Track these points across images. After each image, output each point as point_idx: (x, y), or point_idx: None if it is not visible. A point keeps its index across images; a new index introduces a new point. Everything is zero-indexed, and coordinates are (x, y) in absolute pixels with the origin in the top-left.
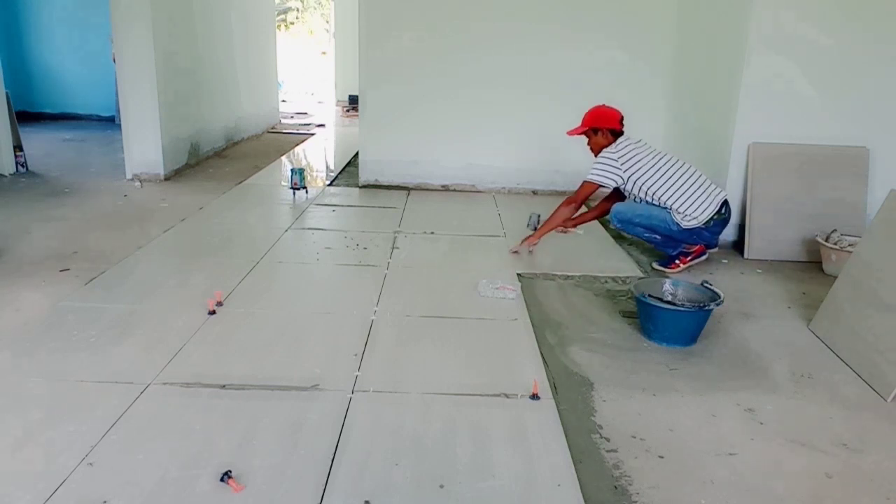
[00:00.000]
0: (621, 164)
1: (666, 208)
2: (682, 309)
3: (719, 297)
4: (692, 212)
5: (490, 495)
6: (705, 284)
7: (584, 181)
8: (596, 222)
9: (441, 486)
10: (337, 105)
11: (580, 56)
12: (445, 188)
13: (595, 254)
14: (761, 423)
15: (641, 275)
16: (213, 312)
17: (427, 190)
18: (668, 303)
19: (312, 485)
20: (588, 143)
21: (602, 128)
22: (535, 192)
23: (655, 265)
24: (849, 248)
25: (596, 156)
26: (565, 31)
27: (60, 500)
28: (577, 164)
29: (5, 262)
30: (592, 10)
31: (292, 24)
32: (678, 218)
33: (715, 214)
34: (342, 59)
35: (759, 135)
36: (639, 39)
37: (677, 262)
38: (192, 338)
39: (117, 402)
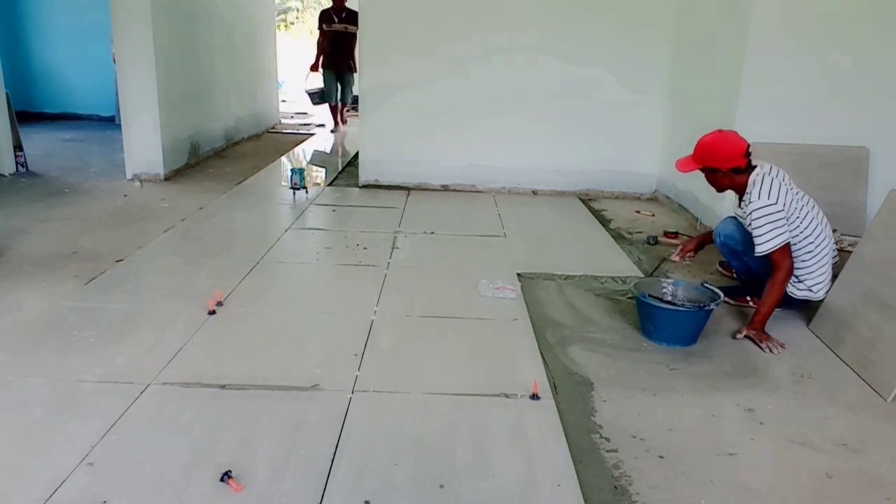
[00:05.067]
0: (787, 218)
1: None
2: (682, 309)
3: (719, 297)
4: (812, 284)
5: (490, 495)
6: (705, 284)
7: (773, 253)
8: (594, 222)
9: (441, 487)
10: None
11: (579, 54)
12: (445, 188)
13: (595, 254)
14: (761, 423)
15: (641, 275)
16: (213, 312)
17: (427, 190)
18: (669, 303)
19: (312, 485)
20: (708, 181)
21: (721, 169)
22: (535, 192)
23: (724, 295)
24: (849, 248)
25: (719, 190)
26: (565, 29)
27: (60, 500)
28: (578, 163)
29: (5, 262)
30: (593, 10)
31: (292, 24)
32: (790, 280)
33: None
34: None
35: (758, 135)
36: (638, 39)
37: (749, 298)
38: (192, 338)
39: (117, 402)
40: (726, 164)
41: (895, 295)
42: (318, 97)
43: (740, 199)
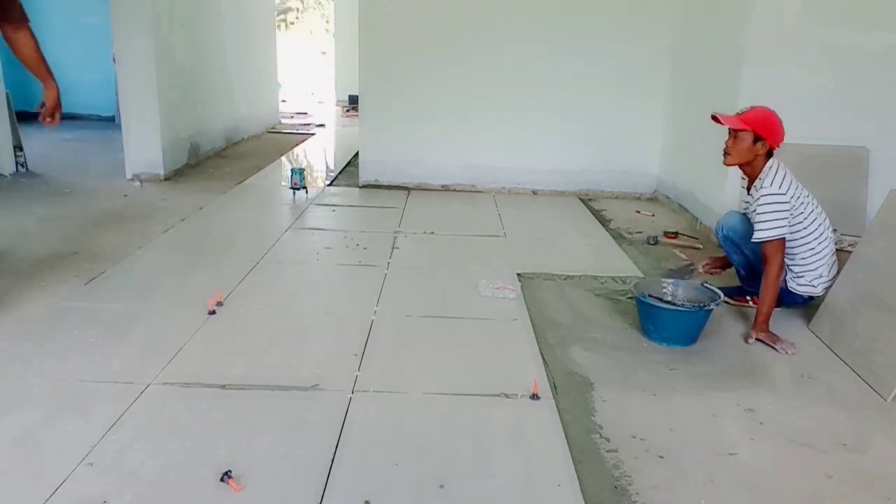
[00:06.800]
0: (791, 211)
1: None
2: (682, 309)
3: (719, 297)
4: (813, 279)
5: (490, 495)
6: (705, 284)
7: (767, 246)
8: (594, 222)
9: (441, 486)
10: (337, 105)
11: (580, 55)
12: (445, 188)
13: (595, 254)
14: (761, 423)
15: (641, 275)
16: (213, 312)
17: (427, 190)
18: (668, 303)
19: (312, 485)
20: (730, 144)
21: (766, 139)
22: (535, 192)
23: (724, 295)
24: (849, 248)
25: (731, 160)
26: (565, 30)
27: (60, 500)
28: (578, 163)
29: (5, 262)
30: (593, 10)
31: (292, 24)
32: (790, 276)
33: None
34: (342, 59)
35: None
36: (639, 39)
37: (748, 298)
38: (192, 338)
39: (117, 402)
40: (769, 137)
41: (895, 295)
42: None
43: (749, 185)
